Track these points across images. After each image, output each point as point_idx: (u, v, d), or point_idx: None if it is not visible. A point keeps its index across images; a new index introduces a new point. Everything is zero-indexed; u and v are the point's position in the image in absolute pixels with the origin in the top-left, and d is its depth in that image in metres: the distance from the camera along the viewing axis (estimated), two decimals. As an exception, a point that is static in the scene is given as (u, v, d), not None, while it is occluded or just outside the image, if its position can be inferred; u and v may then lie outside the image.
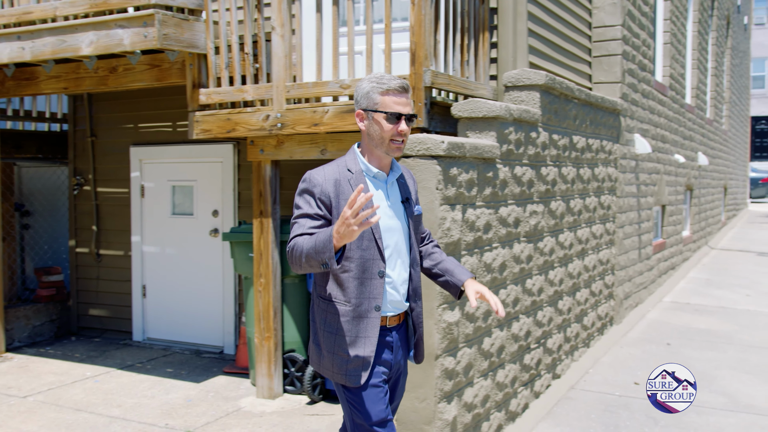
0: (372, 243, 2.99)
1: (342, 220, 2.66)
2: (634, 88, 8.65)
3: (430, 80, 4.97)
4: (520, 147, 5.27)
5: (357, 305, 3.01)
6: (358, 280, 3.00)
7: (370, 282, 3.01)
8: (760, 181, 31.50)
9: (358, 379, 3.01)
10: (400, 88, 3.00)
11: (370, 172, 3.07)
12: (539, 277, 5.70)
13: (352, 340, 3.02)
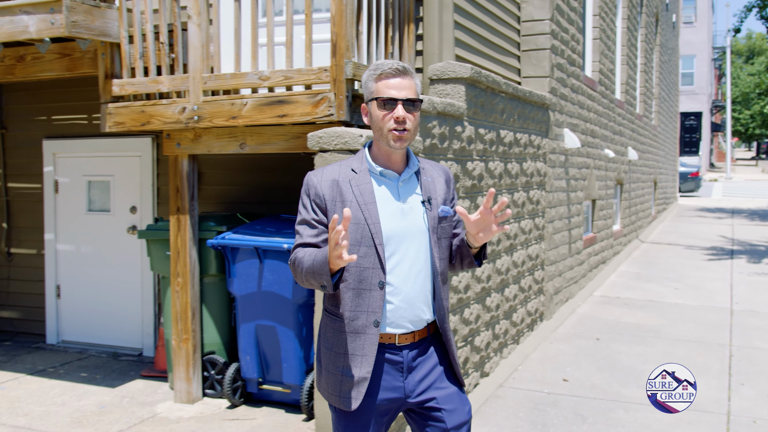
0: (371, 249, 2.66)
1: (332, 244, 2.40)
2: (563, 82, 8.62)
3: (351, 72, 4.81)
4: (444, 141, 5.14)
5: (352, 319, 2.69)
6: (354, 291, 2.68)
7: (369, 293, 2.67)
8: (689, 175, 32.17)
9: (350, 403, 2.69)
10: (395, 70, 2.68)
11: (374, 170, 2.75)
12: (466, 275, 5.58)
13: (347, 358, 2.70)
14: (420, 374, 2.75)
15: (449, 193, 2.88)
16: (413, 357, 2.75)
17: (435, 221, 2.75)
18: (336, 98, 4.89)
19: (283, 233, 5.39)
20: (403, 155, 2.78)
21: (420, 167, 2.83)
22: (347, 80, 4.86)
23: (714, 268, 12.13)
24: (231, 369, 5.51)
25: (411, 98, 2.66)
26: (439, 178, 2.86)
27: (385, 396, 2.72)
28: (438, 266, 2.75)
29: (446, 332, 2.81)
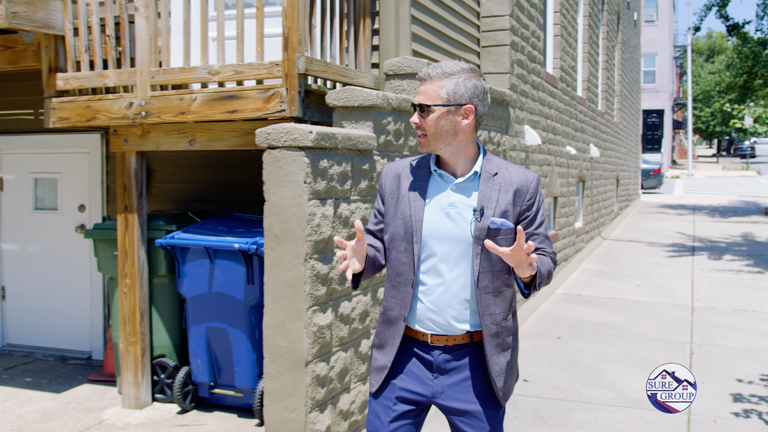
0: (409, 246, 2.70)
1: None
2: (524, 79, 8.54)
3: (303, 67, 4.67)
4: (399, 138, 5.02)
5: (388, 309, 2.79)
6: (391, 283, 2.78)
7: (403, 288, 2.73)
8: (651, 172, 32.41)
9: (373, 385, 2.82)
10: (419, 76, 2.71)
11: (433, 170, 2.75)
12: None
13: (380, 344, 2.83)
14: (452, 380, 2.74)
15: (517, 205, 2.70)
16: (445, 360, 2.73)
17: (482, 232, 2.64)
18: (288, 93, 4.75)
19: (234, 232, 5.23)
20: (465, 158, 2.73)
21: (488, 173, 2.71)
22: (300, 75, 4.72)
23: (675, 265, 12.16)
24: (181, 373, 5.33)
25: (421, 103, 2.66)
26: (508, 188, 2.70)
27: (409, 388, 2.75)
28: (478, 278, 2.67)
29: (489, 347, 2.72)
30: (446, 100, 2.64)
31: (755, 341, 7.39)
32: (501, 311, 2.73)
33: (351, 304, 4.33)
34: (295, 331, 3.90)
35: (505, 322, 2.75)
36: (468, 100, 2.66)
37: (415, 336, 2.75)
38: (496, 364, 2.73)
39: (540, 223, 2.74)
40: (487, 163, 2.73)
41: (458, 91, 2.65)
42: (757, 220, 19.47)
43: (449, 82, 2.65)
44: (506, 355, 2.77)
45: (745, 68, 21.73)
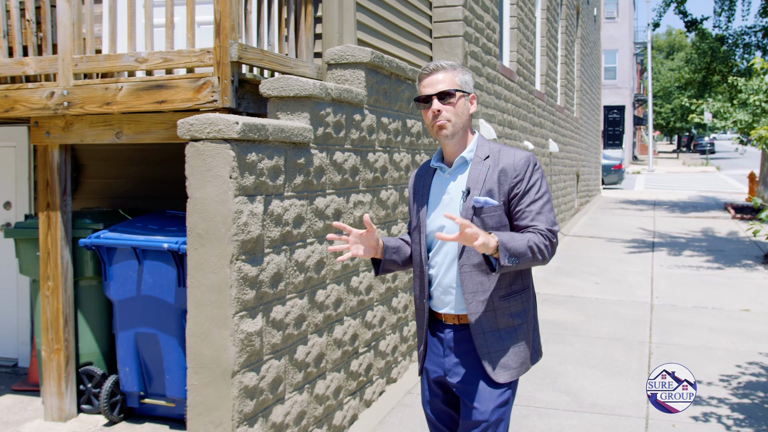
0: (419, 237, 2.96)
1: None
2: (478, 71, 8.27)
3: (236, 54, 4.36)
4: (340, 130, 4.71)
5: (415, 297, 3.06)
6: (414, 273, 3.04)
7: (421, 276, 2.97)
8: (612, 167, 32.39)
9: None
10: (429, 69, 2.85)
11: (434, 164, 2.97)
12: (367, 274, 5.17)
13: (417, 329, 3.09)
14: (457, 359, 2.90)
15: (504, 183, 2.80)
16: (453, 338, 2.90)
17: (468, 212, 2.79)
18: (220, 83, 4.43)
19: (166, 231, 4.89)
20: (459, 147, 2.89)
21: (479, 157, 2.87)
22: (233, 63, 4.41)
23: (635, 261, 12.00)
24: (108, 382, 4.98)
25: (445, 90, 2.79)
26: (495, 168, 2.83)
27: (431, 367, 3.00)
28: (461, 256, 2.82)
29: (476, 326, 2.83)
30: (461, 87, 2.84)
31: (714, 340, 7.21)
32: (498, 288, 2.82)
33: (285, 309, 4.02)
34: (220, 338, 3.58)
35: (504, 299, 2.83)
36: (471, 89, 2.89)
37: (436, 317, 2.97)
38: (487, 343, 2.82)
39: (533, 201, 2.78)
40: (479, 148, 2.89)
41: (465, 80, 2.87)
42: (716, 215, 19.47)
43: (458, 72, 2.84)
44: (507, 333, 2.85)
45: (703, 64, 21.73)
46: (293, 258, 4.11)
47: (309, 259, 4.29)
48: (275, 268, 3.90)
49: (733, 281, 10.34)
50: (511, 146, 2.98)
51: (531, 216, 2.78)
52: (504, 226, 2.80)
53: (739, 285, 10.08)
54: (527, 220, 2.77)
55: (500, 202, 2.78)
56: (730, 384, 5.86)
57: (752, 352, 6.80)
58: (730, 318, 8.16)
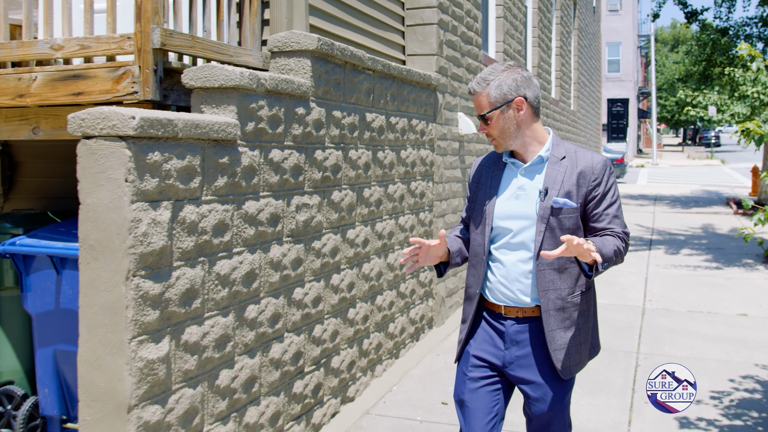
0: (483, 228, 3.02)
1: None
2: (457, 62, 7.76)
3: (160, 40, 3.90)
4: (278, 125, 4.21)
5: (468, 287, 3.12)
6: (471, 262, 3.11)
7: (479, 266, 3.04)
8: (614, 161, 31.80)
9: (457, 355, 3.19)
10: (471, 92, 2.98)
11: (506, 159, 3.03)
12: (316, 284, 4.67)
13: (464, 319, 3.15)
14: (521, 351, 2.97)
15: (582, 186, 2.90)
16: (516, 331, 2.98)
17: (546, 211, 2.88)
18: (141, 72, 3.96)
19: (88, 239, 4.39)
20: (533, 145, 2.96)
21: (556, 157, 2.94)
22: (155, 50, 3.95)
23: (630, 261, 11.46)
24: (27, 404, 4.50)
25: (480, 115, 2.94)
26: (573, 170, 2.91)
27: (481, 354, 3.03)
28: (538, 254, 2.88)
29: (549, 322, 2.92)
30: (495, 103, 2.89)
31: (707, 350, 6.69)
32: (566, 287, 2.93)
33: (202, 329, 3.52)
34: (114, 367, 3.09)
35: (572, 298, 2.94)
36: (515, 93, 2.89)
37: (492, 308, 3.03)
38: (555, 340, 2.93)
39: (610, 204, 2.91)
40: (555, 148, 2.96)
41: (502, 90, 2.88)
42: (718, 210, 18.90)
43: (492, 87, 2.89)
44: (572, 331, 2.96)
45: (704, 56, 21.12)
46: (213, 271, 3.61)
47: (235, 272, 3.79)
48: (187, 283, 3.40)
49: (731, 282, 9.81)
50: (586, 148, 2.96)
51: (608, 219, 2.91)
52: (579, 229, 2.92)
53: (738, 286, 9.54)
54: (605, 223, 2.91)
55: (578, 204, 2.89)
56: (722, 402, 5.35)
57: (747, 363, 6.28)
58: (726, 324, 7.64)
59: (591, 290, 3.07)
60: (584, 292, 3.01)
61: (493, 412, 3.02)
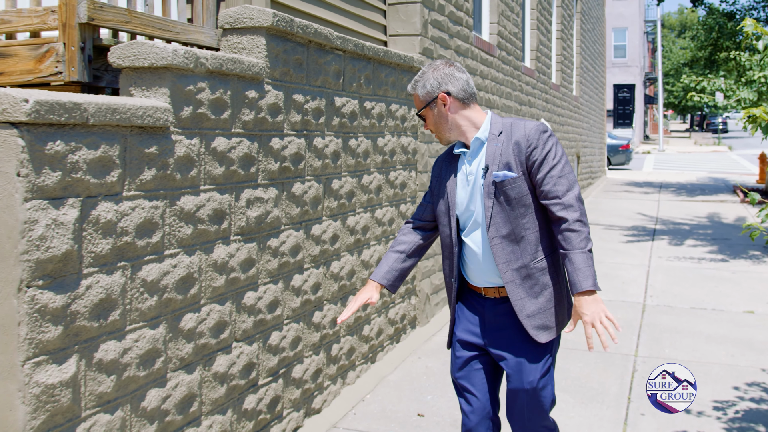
0: (448, 219, 3.12)
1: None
2: (444, 43, 7.26)
3: (87, 14, 3.46)
4: (223, 110, 3.73)
5: (444, 275, 3.22)
6: (443, 253, 3.21)
7: (450, 257, 3.15)
8: (620, 147, 31.23)
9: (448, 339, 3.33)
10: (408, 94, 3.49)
11: (457, 149, 3.14)
12: (272, 287, 4.20)
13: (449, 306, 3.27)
14: (499, 329, 3.07)
15: (520, 154, 2.95)
16: (496, 311, 3.07)
17: (490, 187, 2.96)
18: (66, 50, 3.51)
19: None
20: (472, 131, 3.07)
21: (493, 134, 3.02)
22: (83, 25, 3.50)
23: (632, 252, 10.99)
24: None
25: (417, 114, 3.16)
26: (509, 142, 2.98)
27: (464, 338, 3.16)
28: (489, 229, 2.98)
29: (514, 292, 2.99)
30: (424, 102, 3.08)
31: (711, 352, 6.21)
32: (528, 254, 2.99)
33: (122, 344, 3.06)
34: (5, 394, 2.63)
35: (536, 263, 3.00)
36: (438, 90, 3.04)
37: (474, 290, 3.15)
38: (525, 307, 2.99)
39: (552, 166, 2.92)
40: (493, 126, 3.05)
41: (427, 89, 3.06)
42: (724, 198, 18.39)
43: (419, 87, 3.08)
44: (544, 295, 3.01)
45: (710, 41, 20.52)
46: (138, 277, 3.14)
47: (167, 277, 3.32)
48: (102, 292, 2.93)
49: (737, 276, 9.31)
50: (522, 118, 3.11)
51: (552, 181, 2.91)
52: (525, 195, 2.95)
53: (744, 280, 9.05)
54: (549, 186, 2.91)
55: (519, 173, 2.94)
56: (726, 414, 4.87)
57: (754, 368, 5.80)
58: (732, 322, 7.15)
59: (556, 252, 3.06)
60: (549, 255, 3.04)
61: (487, 390, 3.15)
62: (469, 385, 3.15)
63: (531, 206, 2.96)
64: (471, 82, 3.08)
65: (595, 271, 2.86)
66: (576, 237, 2.86)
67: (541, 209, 2.99)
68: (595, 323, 2.82)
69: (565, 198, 2.89)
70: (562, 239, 2.89)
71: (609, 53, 46.49)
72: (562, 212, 2.88)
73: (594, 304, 2.84)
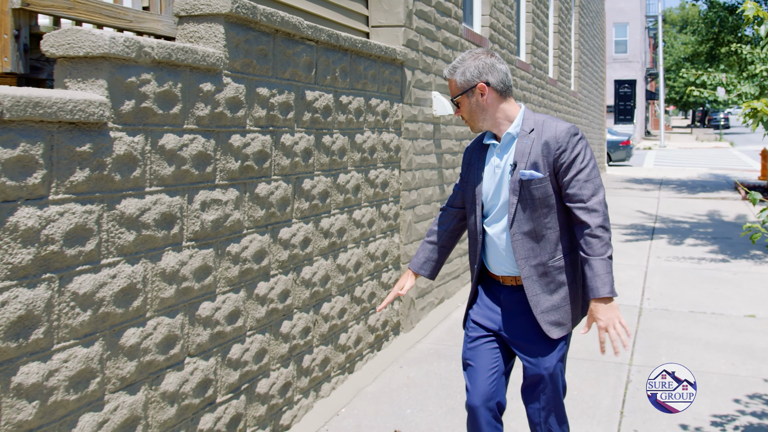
0: (473, 207, 3.21)
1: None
2: (430, 35, 6.92)
3: (20, -1, 3.10)
4: (173, 105, 3.40)
5: (470, 262, 3.31)
6: (469, 239, 3.31)
7: (475, 243, 3.25)
8: (620, 143, 30.87)
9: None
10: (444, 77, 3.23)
11: (487, 139, 3.18)
12: (233, 296, 3.87)
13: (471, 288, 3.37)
14: (514, 317, 3.16)
15: (548, 155, 2.98)
16: (512, 298, 3.17)
17: (516, 184, 3.03)
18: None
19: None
20: (505, 123, 3.09)
21: (525, 131, 3.04)
22: (16, 11, 3.21)
23: (630, 252, 10.65)
24: None
25: (452, 99, 3.16)
26: (539, 141, 3.00)
27: (479, 320, 3.26)
28: (512, 226, 3.06)
29: (531, 288, 3.07)
30: (461, 89, 3.08)
31: (710, 361, 5.87)
32: (546, 253, 3.05)
33: (48, 366, 2.72)
34: None
35: (553, 262, 3.06)
36: (477, 79, 3.04)
37: (493, 277, 3.24)
38: (540, 303, 3.07)
39: (579, 170, 2.95)
40: (525, 122, 3.05)
41: (466, 76, 3.06)
42: (726, 196, 18.04)
43: (458, 74, 3.08)
44: (559, 293, 3.09)
45: (710, 35, 20.15)
46: (68, 290, 2.81)
47: (104, 288, 2.99)
48: (21, 308, 2.60)
49: (738, 277, 8.98)
50: (555, 117, 3.12)
51: (579, 185, 2.96)
52: (549, 196, 3.00)
53: (746, 282, 8.71)
54: (575, 189, 2.96)
55: (546, 174, 2.98)
56: (725, 430, 4.54)
57: (756, 378, 5.47)
58: (732, 327, 6.82)
59: (576, 251, 3.12)
60: (568, 254, 3.11)
61: (493, 367, 3.19)
62: (476, 363, 3.21)
63: (554, 207, 3.04)
64: (509, 75, 3.12)
65: (613, 278, 2.93)
66: (598, 243, 2.93)
67: (564, 210, 3.06)
68: (609, 329, 2.92)
69: (589, 202, 2.95)
70: (584, 243, 2.96)
71: (610, 48, 46.11)
72: (586, 216, 2.95)
73: (610, 311, 2.93)
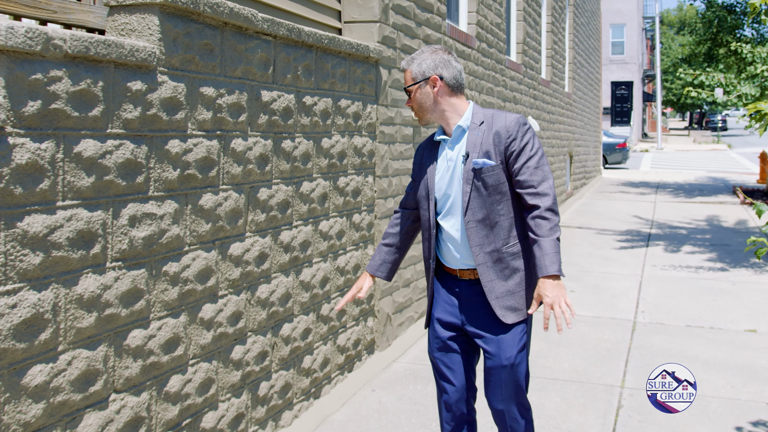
0: (427, 203, 3.28)
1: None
2: (410, 32, 6.50)
3: None
4: (93, 106, 2.96)
5: (424, 258, 3.39)
6: (423, 236, 3.37)
7: (430, 237, 3.31)
8: (616, 146, 30.49)
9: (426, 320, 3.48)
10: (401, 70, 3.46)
11: (438, 137, 3.30)
12: (171, 321, 3.44)
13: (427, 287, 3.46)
14: (473, 309, 3.24)
15: (498, 144, 3.11)
16: (470, 292, 3.25)
17: (469, 173, 3.13)
18: None
19: None
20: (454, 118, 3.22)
21: (475, 123, 3.18)
22: None
23: (624, 260, 10.23)
24: None
25: (404, 88, 3.27)
26: (489, 132, 3.14)
27: (442, 317, 3.33)
28: (466, 214, 3.16)
29: (485, 275, 3.16)
30: (415, 79, 3.22)
31: (708, 382, 5.44)
32: (500, 239, 3.17)
33: None
34: None
35: (507, 248, 3.18)
36: (432, 72, 3.19)
37: (450, 272, 3.32)
38: (495, 289, 3.17)
39: (529, 158, 3.09)
40: (475, 115, 3.22)
41: (422, 68, 3.20)
42: (724, 200, 17.62)
43: (414, 65, 3.22)
44: (514, 278, 3.19)
45: (708, 35, 19.73)
46: (-52, 326, 2.38)
47: (2, 320, 2.56)
48: None
49: (737, 287, 8.55)
50: (503, 110, 3.39)
51: (529, 171, 3.08)
52: (502, 183, 3.12)
53: (745, 292, 8.29)
54: (526, 176, 3.08)
55: (497, 162, 3.11)
56: (723, 465, 4.12)
57: (758, 402, 5.04)
58: (732, 343, 6.39)
59: (528, 237, 3.16)
60: (521, 241, 3.19)
61: (463, 368, 3.32)
62: (448, 363, 3.32)
63: (507, 194, 3.14)
64: (463, 74, 3.25)
65: (560, 258, 3.00)
66: (547, 224, 3.02)
67: (516, 198, 3.16)
68: (554, 306, 2.97)
69: (540, 187, 3.06)
70: (534, 225, 3.04)
71: (606, 50, 45.71)
72: (536, 200, 3.05)
73: (557, 288, 2.99)
